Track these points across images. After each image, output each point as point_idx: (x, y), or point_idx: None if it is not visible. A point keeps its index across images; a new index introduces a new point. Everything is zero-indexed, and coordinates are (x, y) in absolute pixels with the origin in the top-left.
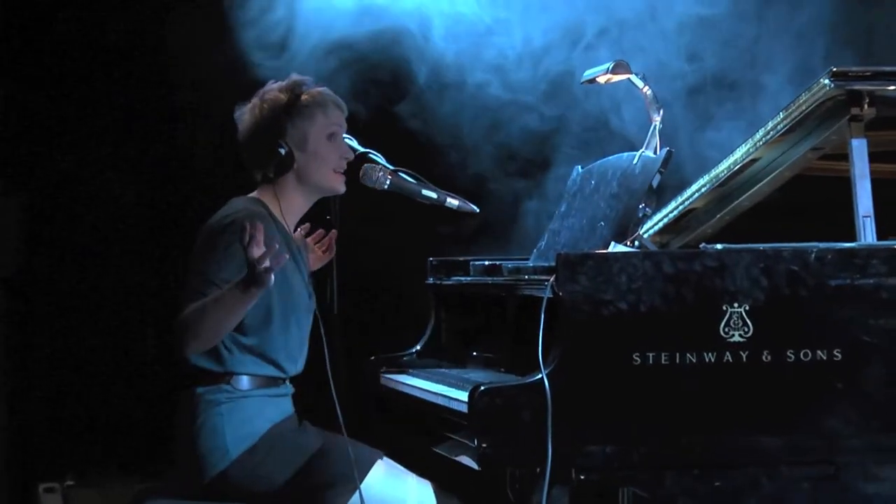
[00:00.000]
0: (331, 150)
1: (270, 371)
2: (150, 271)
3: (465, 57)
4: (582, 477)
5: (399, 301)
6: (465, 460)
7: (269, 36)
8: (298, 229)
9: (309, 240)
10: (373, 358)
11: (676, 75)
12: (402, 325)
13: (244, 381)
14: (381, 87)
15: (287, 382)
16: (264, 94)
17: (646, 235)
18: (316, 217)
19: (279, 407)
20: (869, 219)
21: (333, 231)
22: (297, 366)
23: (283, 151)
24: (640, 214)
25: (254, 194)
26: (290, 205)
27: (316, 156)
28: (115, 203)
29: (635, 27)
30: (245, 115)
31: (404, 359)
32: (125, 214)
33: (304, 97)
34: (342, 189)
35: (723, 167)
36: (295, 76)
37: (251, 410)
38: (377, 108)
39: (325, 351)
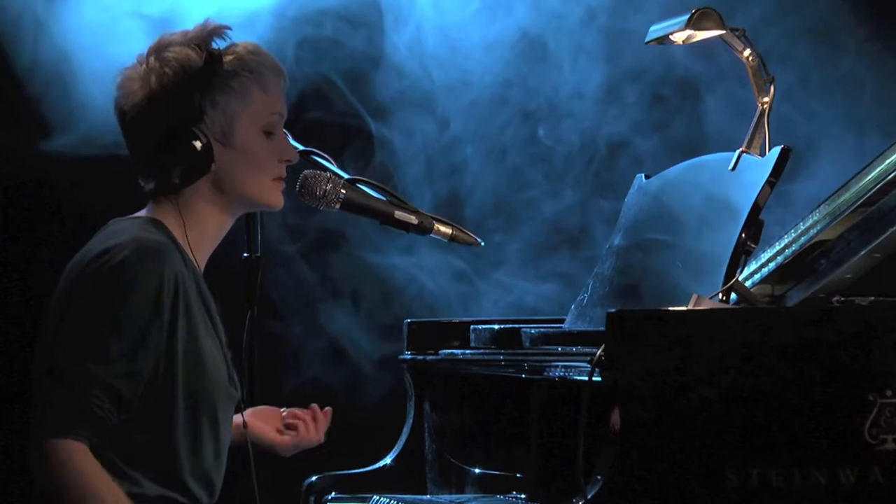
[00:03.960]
0: (269, 148)
1: (172, 494)
2: None
3: (465, 20)
4: None
5: (358, 386)
6: None
7: None
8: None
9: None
10: (315, 478)
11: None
12: (364, 426)
13: None
14: (342, 61)
15: None
16: (163, 51)
17: (748, 283)
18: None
19: None
20: None
21: (325, 409)
22: (210, 488)
23: (198, 145)
24: (740, 250)
25: (144, 212)
26: (202, 228)
27: (247, 154)
28: None
29: None
30: (132, 82)
31: (365, 478)
32: None
33: (227, 57)
34: (280, 203)
35: (869, 178)
36: (211, 21)
37: None
38: (333, 93)
39: (251, 465)
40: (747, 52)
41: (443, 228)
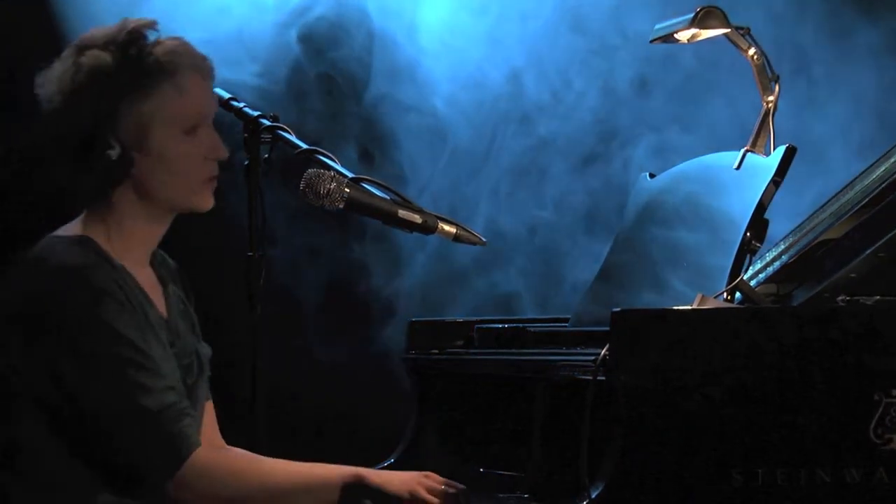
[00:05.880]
0: (191, 148)
1: None
2: None
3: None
4: None
5: (360, 387)
6: None
7: None
8: None
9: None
10: None
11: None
12: (367, 426)
13: None
14: (339, 56)
15: None
16: (80, 53)
17: (753, 282)
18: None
19: None
20: None
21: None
22: None
23: (112, 154)
24: (745, 249)
25: (73, 227)
26: (129, 237)
27: (165, 159)
28: None
29: None
30: (50, 84)
31: None
32: None
33: (143, 61)
34: (209, 205)
35: (874, 176)
36: (130, 21)
37: None
38: (327, 82)
39: None
40: (752, 50)
41: (447, 228)
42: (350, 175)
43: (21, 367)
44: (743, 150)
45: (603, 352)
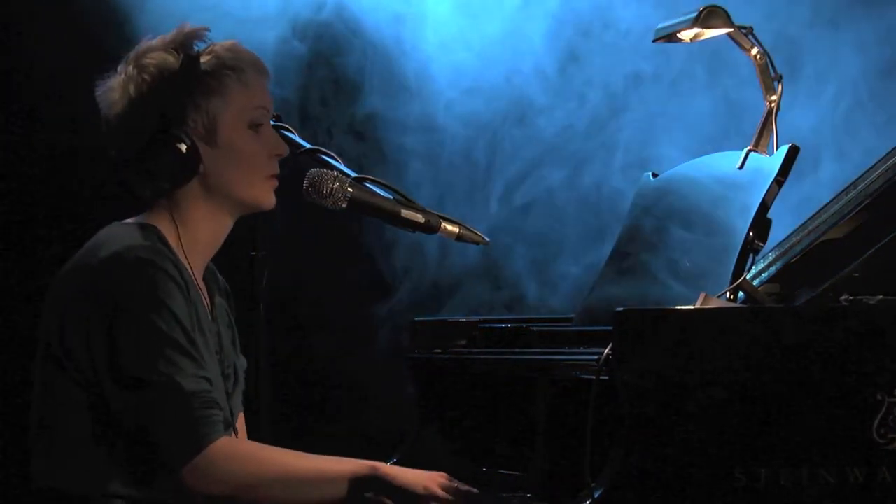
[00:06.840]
0: (256, 144)
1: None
2: None
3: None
4: None
5: (361, 387)
6: None
7: None
8: None
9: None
10: None
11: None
12: (368, 426)
13: None
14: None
15: None
16: (142, 57)
17: (756, 282)
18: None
19: None
20: None
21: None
22: None
23: (184, 148)
24: (748, 248)
25: (140, 218)
26: (195, 232)
27: (233, 153)
28: None
29: None
30: (113, 92)
31: None
32: None
33: (205, 58)
34: (271, 202)
35: (876, 173)
36: (187, 25)
37: None
38: (331, 83)
39: None
40: (755, 50)
41: (450, 227)
42: (353, 174)
43: (75, 343)
44: (746, 150)
45: (606, 351)
